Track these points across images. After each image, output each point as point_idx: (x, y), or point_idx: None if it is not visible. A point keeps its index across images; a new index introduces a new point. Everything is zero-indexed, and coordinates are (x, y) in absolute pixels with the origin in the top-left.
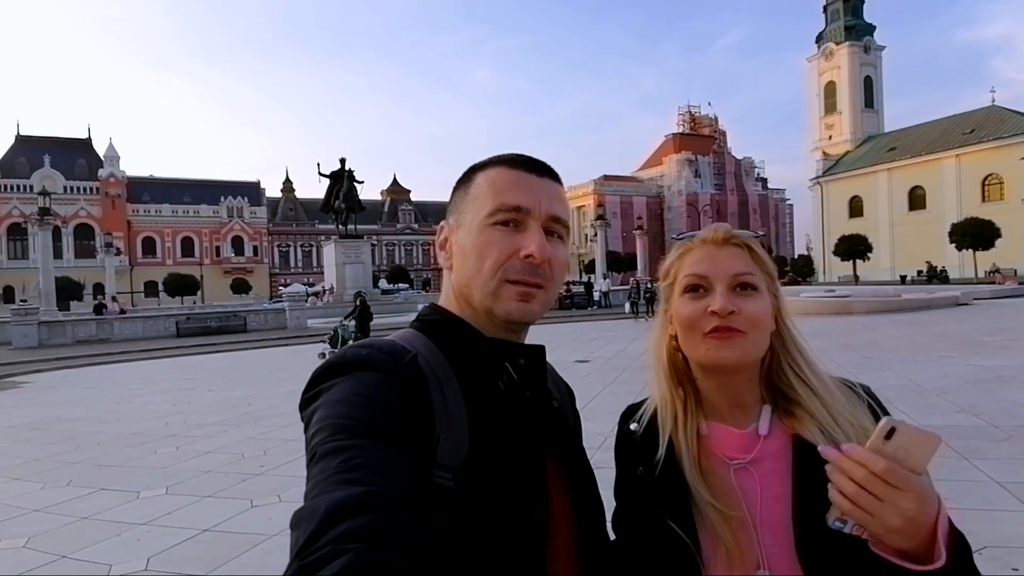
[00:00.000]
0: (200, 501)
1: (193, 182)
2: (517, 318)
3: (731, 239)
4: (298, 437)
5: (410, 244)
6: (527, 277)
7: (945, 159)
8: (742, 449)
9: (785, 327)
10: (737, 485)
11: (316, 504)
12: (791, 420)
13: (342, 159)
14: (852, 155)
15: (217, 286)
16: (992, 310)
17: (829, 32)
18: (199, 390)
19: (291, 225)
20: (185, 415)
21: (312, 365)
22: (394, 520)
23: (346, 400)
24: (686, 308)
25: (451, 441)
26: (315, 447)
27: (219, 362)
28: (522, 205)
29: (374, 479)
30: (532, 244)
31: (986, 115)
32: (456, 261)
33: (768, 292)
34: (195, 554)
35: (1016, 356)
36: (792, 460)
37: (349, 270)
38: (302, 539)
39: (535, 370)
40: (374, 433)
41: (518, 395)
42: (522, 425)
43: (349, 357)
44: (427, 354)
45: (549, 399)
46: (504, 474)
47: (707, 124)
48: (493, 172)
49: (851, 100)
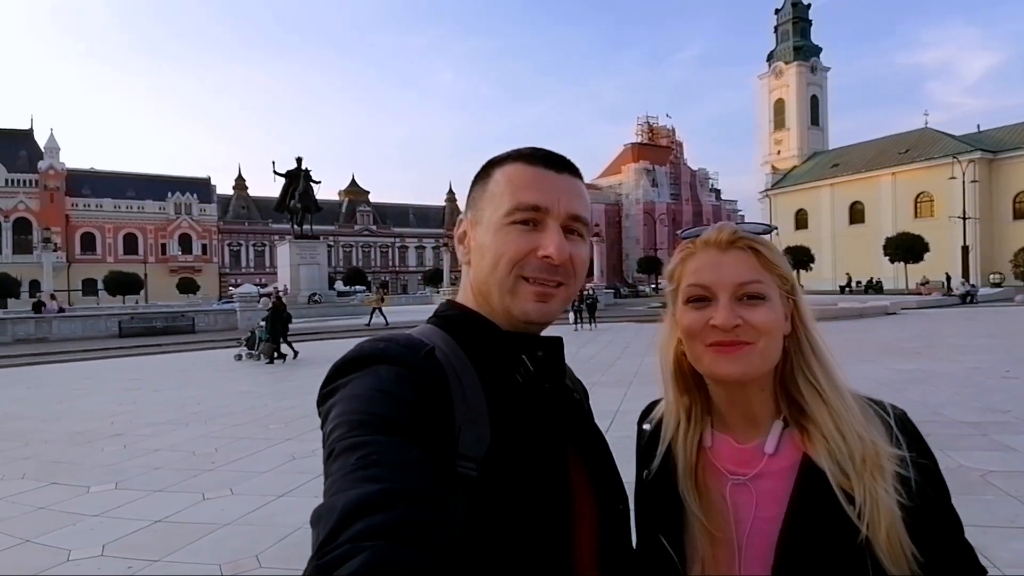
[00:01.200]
0: (150, 495)
1: (138, 176)
2: (535, 318)
3: (736, 241)
4: (250, 435)
5: (368, 246)
6: (546, 276)
7: (882, 177)
8: (744, 464)
9: (802, 329)
10: (732, 501)
11: (334, 502)
12: (804, 436)
13: (298, 158)
14: (799, 170)
15: (162, 285)
16: (916, 319)
17: (779, 51)
18: (145, 390)
19: (243, 224)
20: (131, 414)
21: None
22: (412, 517)
23: (364, 395)
24: (687, 318)
25: (473, 432)
26: (333, 443)
27: (165, 363)
28: (540, 204)
29: (392, 476)
30: (550, 244)
31: (920, 136)
32: (474, 258)
33: (780, 296)
34: (148, 541)
35: (927, 361)
36: (795, 482)
37: (304, 271)
38: (321, 537)
39: (553, 362)
40: (392, 428)
41: (537, 387)
42: (542, 417)
43: (367, 351)
44: (444, 347)
45: (569, 392)
46: (527, 465)
47: (665, 135)
48: (511, 168)
49: (798, 117)
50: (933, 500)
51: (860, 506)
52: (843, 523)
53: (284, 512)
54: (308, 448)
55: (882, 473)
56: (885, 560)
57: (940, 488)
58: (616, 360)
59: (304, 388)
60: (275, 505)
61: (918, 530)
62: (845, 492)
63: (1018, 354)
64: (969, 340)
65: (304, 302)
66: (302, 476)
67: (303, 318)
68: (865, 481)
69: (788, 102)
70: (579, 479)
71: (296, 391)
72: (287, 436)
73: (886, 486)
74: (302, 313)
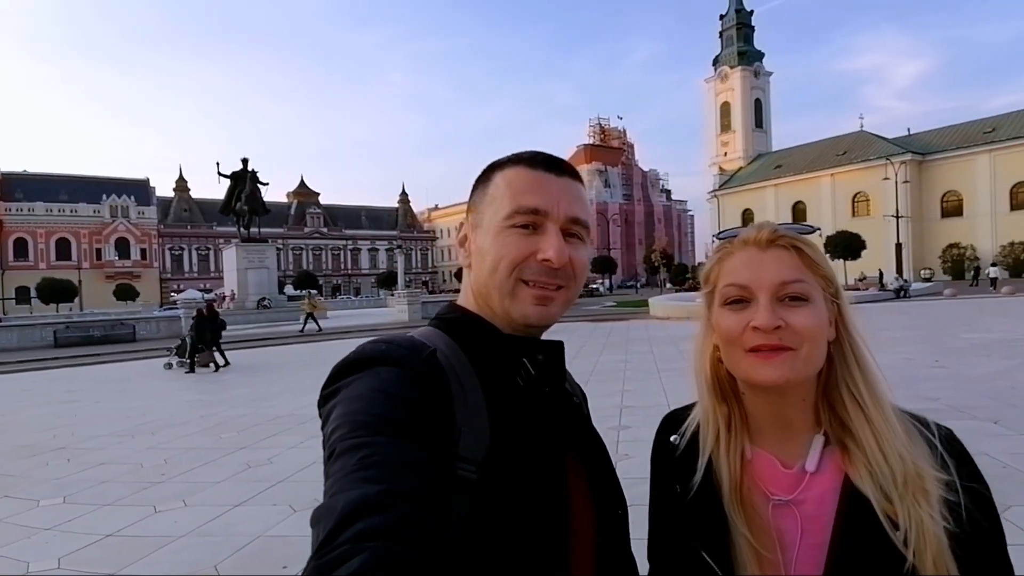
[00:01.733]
0: (99, 509)
1: (72, 178)
2: (535, 321)
3: (777, 240)
4: (200, 445)
5: (319, 249)
6: (545, 279)
7: (822, 177)
8: (785, 486)
9: (847, 336)
10: (775, 524)
11: (334, 503)
12: (844, 455)
13: (244, 159)
14: (744, 171)
15: (97, 292)
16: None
17: (724, 56)
18: (85, 402)
19: (185, 227)
20: (73, 427)
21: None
22: (411, 518)
23: (365, 396)
24: (726, 321)
25: (472, 434)
26: (333, 444)
27: (106, 373)
28: (539, 207)
29: (392, 476)
30: (550, 248)
31: (856, 139)
32: (474, 261)
33: (824, 299)
34: (101, 555)
35: None
36: (838, 508)
37: (252, 275)
38: (320, 538)
39: (554, 366)
40: (393, 429)
41: (537, 391)
42: (542, 420)
43: (368, 352)
44: (446, 350)
45: (568, 395)
46: (526, 467)
47: (616, 136)
48: (511, 172)
49: (743, 120)
50: (983, 528)
51: (905, 532)
52: (889, 551)
53: (241, 522)
54: (263, 456)
55: (927, 498)
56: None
57: (991, 515)
58: (572, 359)
59: (258, 396)
60: (231, 515)
61: (967, 558)
62: (889, 518)
63: (946, 345)
64: (902, 332)
65: (253, 307)
66: (259, 485)
67: (252, 324)
68: (908, 506)
69: (733, 105)
70: (578, 483)
71: (249, 399)
72: (241, 445)
73: (932, 512)
74: (251, 319)
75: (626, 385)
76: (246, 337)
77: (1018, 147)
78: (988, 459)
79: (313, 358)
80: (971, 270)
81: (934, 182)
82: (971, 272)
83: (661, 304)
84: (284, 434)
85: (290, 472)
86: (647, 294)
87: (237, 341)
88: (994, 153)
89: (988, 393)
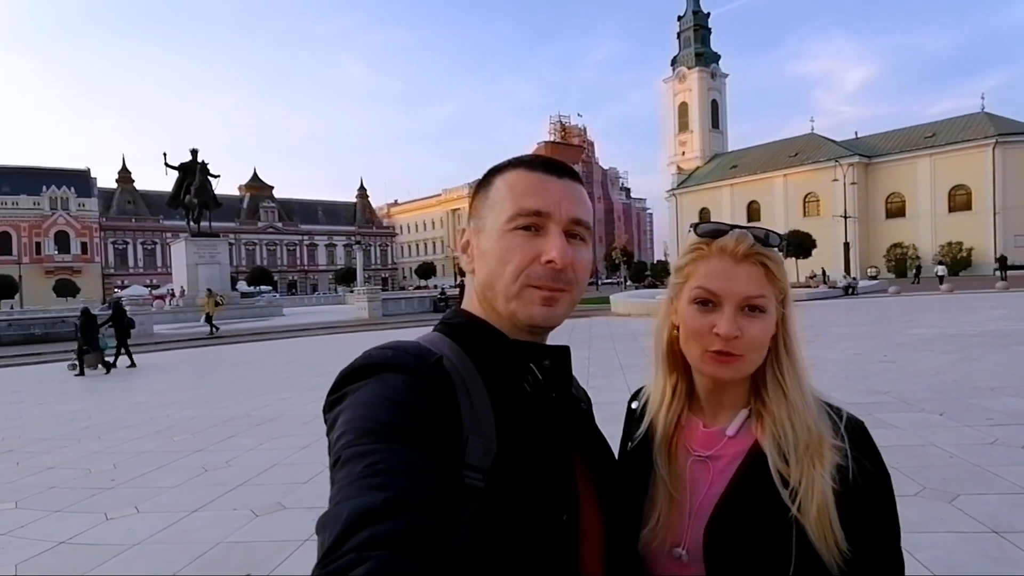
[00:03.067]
0: (50, 515)
1: (10, 169)
2: (541, 323)
3: (751, 255)
4: (151, 449)
5: (273, 244)
6: (550, 283)
7: (775, 178)
8: (705, 444)
9: (785, 333)
10: (691, 474)
11: (339, 510)
12: (758, 424)
13: (193, 150)
14: (701, 171)
15: (37, 288)
16: (806, 310)
17: (682, 57)
18: (28, 403)
19: (129, 220)
20: (18, 429)
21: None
22: (418, 526)
23: (372, 403)
24: (693, 321)
25: (480, 442)
26: (339, 451)
27: (47, 373)
28: (542, 209)
29: (398, 484)
30: (553, 249)
31: (807, 141)
32: (478, 266)
33: (775, 306)
34: (55, 563)
35: (816, 348)
36: (740, 462)
37: (203, 271)
38: (325, 546)
39: (560, 371)
40: (400, 437)
41: (544, 396)
42: (549, 426)
43: (375, 359)
44: (452, 356)
45: (576, 400)
46: (534, 474)
47: (576, 134)
48: (512, 175)
49: (701, 120)
50: (867, 494)
51: (794, 487)
52: (774, 502)
53: (199, 528)
54: (221, 459)
55: (822, 460)
56: (813, 535)
57: (884, 494)
58: None
59: (215, 396)
60: (188, 521)
61: (848, 518)
62: (782, 476)
63: (894, 340)
64: (851, 328)
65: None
66: (217, 489)
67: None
68: (804, 467)
69: (691, 105)
70: (585, 488)
71: (203, 400)
72: (196, 448)
73: (823, 472)
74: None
75: (590, 381)
76: (196, 335)
77: (956, 151)
78: (935, 449)
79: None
80: (913, 268)
81: (879, 184)
82: (913, 271)
83: (622, 301)
84: (242, 436)
85: (250, 475)
86: (607, 291)
87: (189, 340)
88: (934, 157)
89: (933, 386)
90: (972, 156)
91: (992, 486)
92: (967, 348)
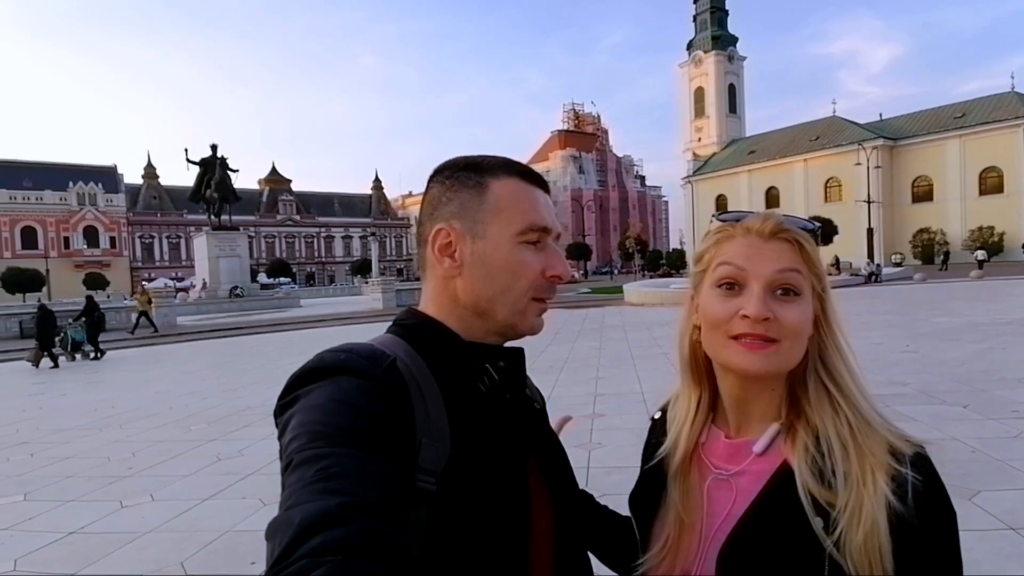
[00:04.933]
0: (63, 505)
1: (35, 165)
2: (538, 331)
3: (780, 232)
4: (170, 438)
5: (292, 236)
6: (549, 295)
7: (795, 163)
8: (728, 459)
9: (827, 332)
10: (710, 495)
11: (291, 515)
12: (789, 440)
13: (213, 145)
14: (718, 157)
15: (66, 281)
16: None
17: (698, 41)
18: (51, 394)
19: (155, 215)
20: (37, 421)
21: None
22: (371, 532)
23: (325, 406)
24: (715, 305)
25: (433, 445)
26: (291, 454)
27: (69, 364)
28: (547, 227)
29: (352, 489)
30: (560, 265)
31: (828, 124)
32: (473, 272)
33: (813, 295)
34: (61, 555)
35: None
36: (766, 483)
37: (224, 264)
38: (277, 551)
39: (515, 372)
40: (353, 441)
41: (499, 397)
42: (503, 427)
43: (328, 362)
44: (406, 358)
45: (530, 401)
46: (486, 477)
47: (591, 122)
48: (511, 184)
49: (717, 105)
50: (926, 531)
51: (836, 515)
52: (804, 530)
53: (209, 516)
54: (234, 448)
55: (875, 483)
56: (852, 569)
57: (947, 533)
58: (547, 346)
59: (230, 386)
60: (199, 509)
61: (900, 557)
62: (815, 500)
63: (917, 329)
64: (873, 317)
65: (225, 296)
66: (228, 478)
67: (224, 312)
68: (852, 488)
69: (707, 90)
70: (538, 489)
71: (221, 390)
72: (211, 437)
73: (876, 496)
74: (224, 308)
75: (600, 372)
76: (221, 326)
77: (987, 132)
78: (957, 444)
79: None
80: (941, 255)
81: (905, 167)
82: (940, 256)
83: (636, 291)
84: (256, 425)
85: (261, 464)
86: (622, 280)
87: (211, 331)
88: (964, 138)
89: (958, 378)
90: (1003, 137)
91: (1014, 482)
92: (996, 337)
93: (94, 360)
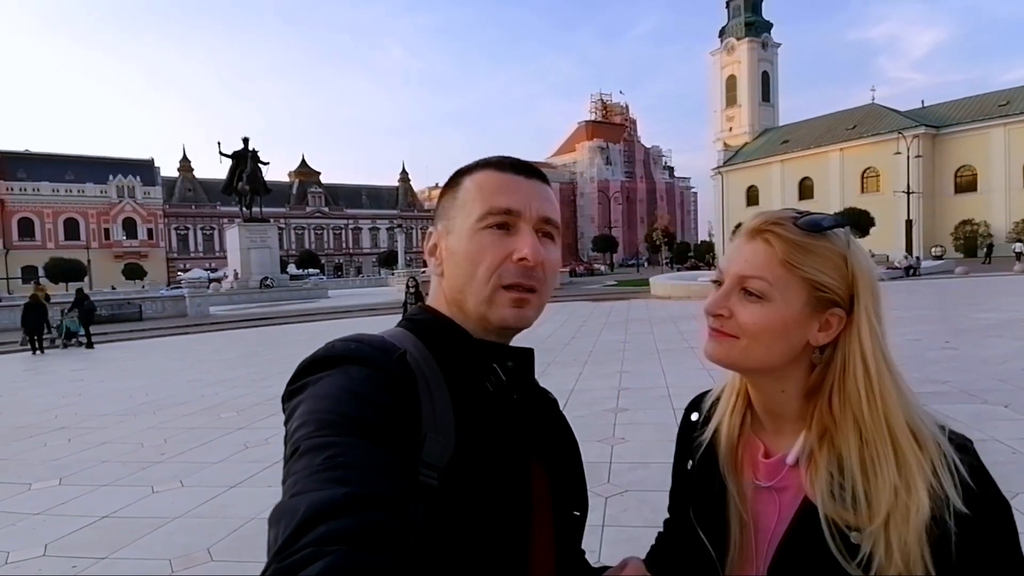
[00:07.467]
0: (97, 490)
1: (76, 158)
2: (512, 324)
3: (761, 231)
4: (201, 425)
5: (320, 228)
6: (521, 280)
7: (831, 152)
8: (767, 474)
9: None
10: (755, 505)
11: (296, 503)
12: (810, 459)
13: (245, 139)
14: (750, 147)
15: (107, 271)
16: None
17: (731, 27)
18: (89, 381)
19: (190, 207)
20: (76, 407)
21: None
22: (377, 523)
23: (333, 395)
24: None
25: (437, 440)
26: (298, 441)
27: (110, 352)
28: (512, 207)
29: (358, 479)
30: (525, 247)
31: (866, 112)
32: (447, 268)
33: (803, 302)
34: (92, 539)
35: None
36: (801, 501)
37: (255, 255)
38: (281, 539)
39: (523, 372)
40: (360, 431)
41: (506, 397)
42: (508, 427)
43: (338, 350)
44: (415, 352)
45: (537, 402)
46: (488, 475)
47: (618, 112)
48: (480, 176)
49: (750, 94)
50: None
51: (864, 556)
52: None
53: (236, 503)
54: (261, 437)
55: (907, 520)
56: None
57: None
58: (572, 339)
59: (258, 375)
60: (227, 496)
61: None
62: (839, 530)
63: (957, 325)
64: (911, 312)
65: (256, 286)
66: (255, 466)
67: (255, 303)
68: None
69: (740, 78)
70: (541, 489)
71: (250, 379)
72: (240, 425)
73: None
74: (254, 298)
75: (625, 366)
76: (251, 316)
77: None
78: (998, 444)
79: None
80: (984, 247)
81: (948, 156)
82: (984, 249)
83: (662, 283)
84: (282, 415)
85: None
86: (649, 273)
87: (242, 320)
88: (1009, 127)
89: (999, 375)
90: None
91: None
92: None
93: (87, 348)
